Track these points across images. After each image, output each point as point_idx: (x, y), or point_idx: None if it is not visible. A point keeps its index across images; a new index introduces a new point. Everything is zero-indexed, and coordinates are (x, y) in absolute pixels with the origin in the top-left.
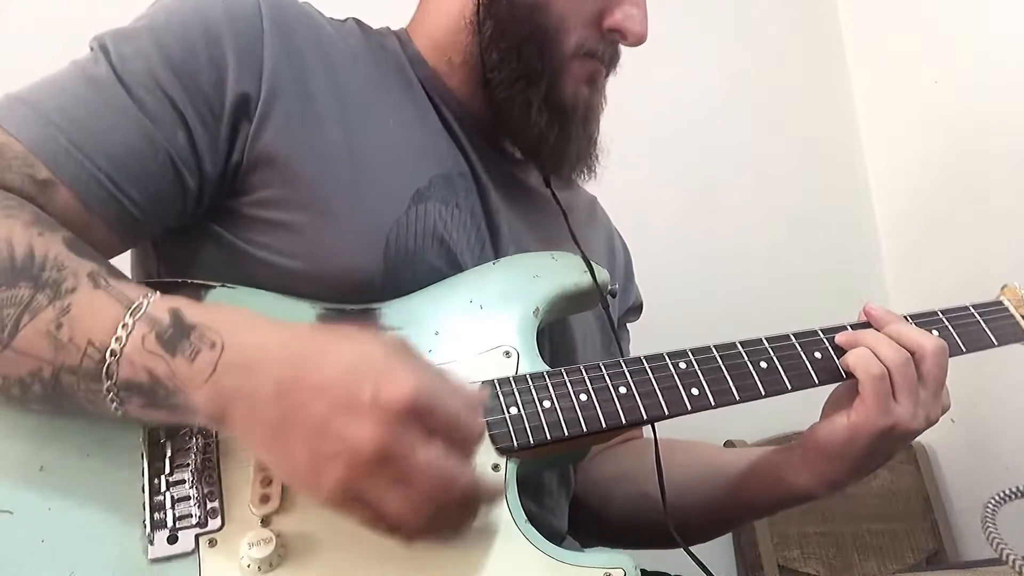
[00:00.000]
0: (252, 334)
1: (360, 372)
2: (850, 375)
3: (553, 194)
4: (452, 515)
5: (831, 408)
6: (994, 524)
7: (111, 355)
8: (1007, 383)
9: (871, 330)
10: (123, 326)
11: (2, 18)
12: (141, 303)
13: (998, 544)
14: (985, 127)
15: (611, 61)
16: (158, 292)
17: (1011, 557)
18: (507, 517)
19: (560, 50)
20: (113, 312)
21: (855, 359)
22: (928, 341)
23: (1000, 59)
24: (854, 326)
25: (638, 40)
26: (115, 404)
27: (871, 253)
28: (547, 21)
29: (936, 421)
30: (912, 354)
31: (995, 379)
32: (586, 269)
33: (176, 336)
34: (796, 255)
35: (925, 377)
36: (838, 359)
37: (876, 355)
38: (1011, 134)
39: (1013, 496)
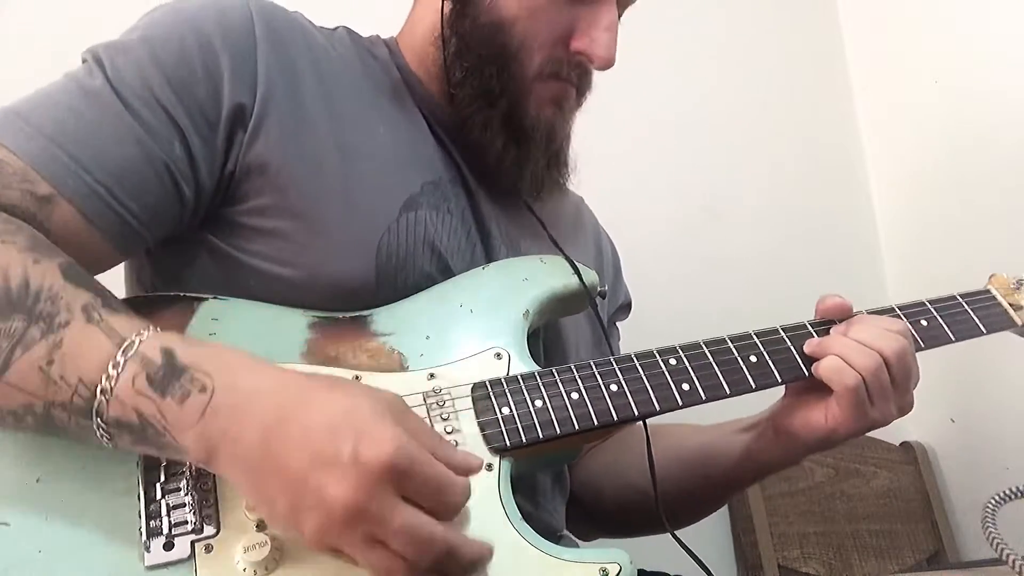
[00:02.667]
0: (243, 378)
1: (343, 427)
2: None
3: (526, 204)
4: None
5: (798, 392)
6: (994, 524)
7: (101, 394)
8: (1007, 383)
9: (838, 336)
10: (114, 365)
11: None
12: (133, 341)
13: (998, 544)
14: (985, 127)
15: (581, 82)
16: (151, 328)
17: (1011, 557)
18: (502, 516)
19: (522, 72)
20: (105, 350)
21: (828, 371)
22: (891, 344)
23: (1000, 59)
24: (814, 324)
25: (604, 65)
26: (105, 439)
27: (871, 253)
28: (510, 41)
29: (909, 410)
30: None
31: (995, 379)
32: (574, 272)
33: (167, 378)
34: (796, 255)
35: (895, 377)
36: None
37: (848, 363)
38: (1011, 134)
39: (1013, 496)
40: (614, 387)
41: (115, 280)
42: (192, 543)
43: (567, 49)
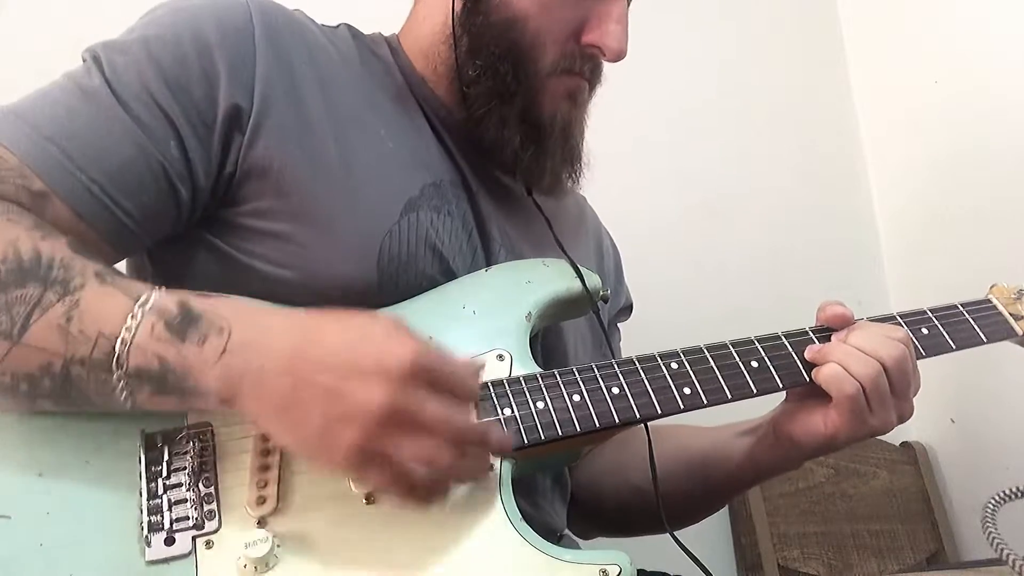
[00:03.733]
0: (258, 317)
1: (362, 342)
2: None
3: (535, 203)
4: (466, 464)
5: (798, 397)
6: (994, 524)
7: (121, 344)
8: (1007, 383)
9: (838, 343)
10: (132, 316)
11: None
12: (149, 295)
13: (998, 544)
14: (985, 127)
15: (593, 76)
16: (163, 288)
17: (1011, 557)
18: (502, 516)
19: (536, 67)
20: (122, 304)
21: (828, 378)
22: (891, 352)
23: (1000, 59)
24: (815, 330)
25: (616, 57)
26: (124, 394)
27: (871, 253)
28: (523, 38)
29: (909, 416)
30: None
31: (995, 379)
32: (577, 275)
33: (185, 323)
34: (796, 255)
35: (894, 385)
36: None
37: (848, 371)
38: (1011, 134)
39: (1013, 496)
40: (616, 389)
41: None
42: (193, 538)
43: (579, 43)
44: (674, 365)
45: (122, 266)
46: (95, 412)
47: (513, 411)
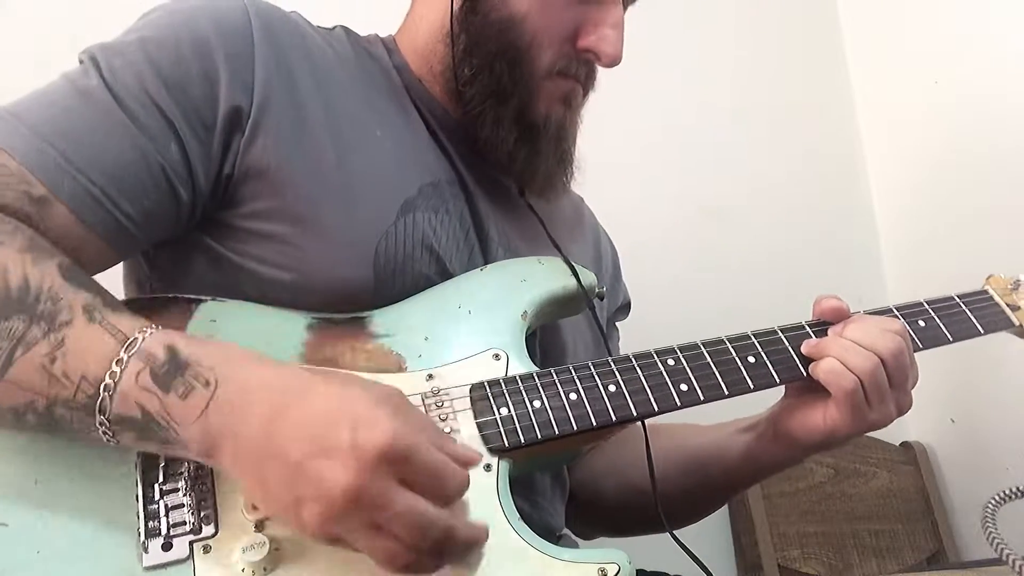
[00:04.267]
0: (245, 372)
1: (341, 415)
2: None
3: (528, 204)
4: (430, 561)
5: (797, 393)
6: (994, 524)
7: (105, 390)
8: (1007, 383)
9: (835, 337)
10: (117, 361)
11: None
12: (136, 338)
13: (998, 544)
14: (985, 127)
15: (587, 80)
16: (153, 327)
17: (1011, 557)
18: (500, 516)
19: (532, 68)
20: (108, 347)
21: (826, 373)
22: (888, 345)
23: (1000, 59)
24: (811, 324)
25: (612, 62)
26: (107, 437)
27: (871, 252)
28: (520, 39)
29: (908, 409)
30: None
31: (995, 379)
32: (572, 273)
33: (170, 373)
34: (796, 255)
35: (892, 378)
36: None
37: (846, 366)
38: (1011, 134)
39: (1013, 496)
40: (612, 388)
41: (113, 281)
42: (190, 543)
43: (574, 47)
44: (671, 362)
45: (120, 268)
46: None
47: (510, 410)
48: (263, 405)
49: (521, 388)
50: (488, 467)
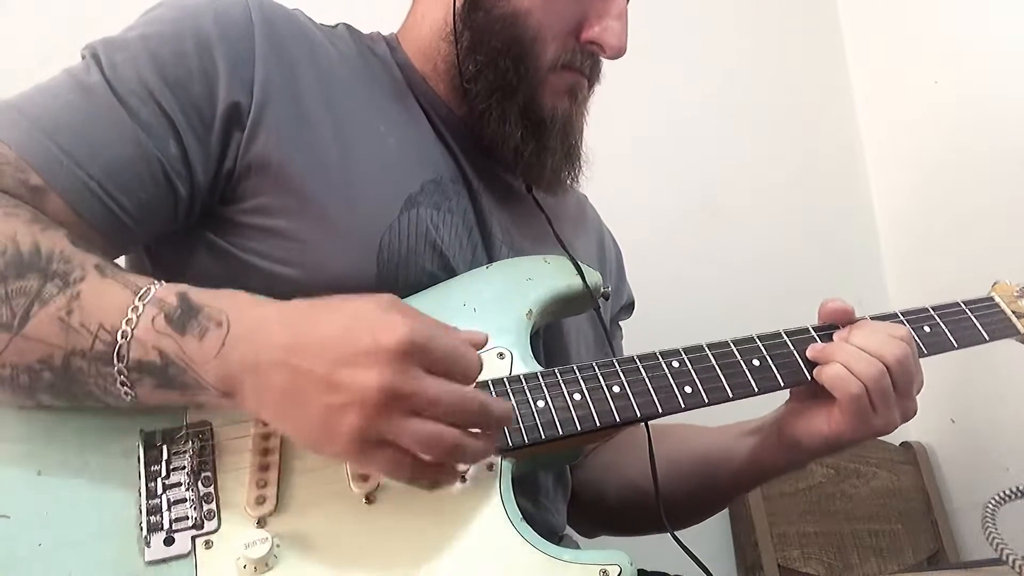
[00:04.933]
0: (254, 310)
1: (356, 326)
2: None
3: (535, 200)
4: (471, 444)
5: (802, 398)
6: (994, 524)
7: (122, 337)
8: (1007, 383)
9: (841, 342)
10: (133, 309)
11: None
12: (149, 288)
13: (998, 544)
14: (985, 127)
15: (592, 73)
16: (162, 280)
17: (1011, 557)
18: (503, 516)
19: (537, 63)
20: (123, 297)
21: (831, 379)
22: (893, 351)
23: (1000, 59)
24: (817, 328)
25: (616, 53)
26: (125, 388)
27: (871, 253)
28: (523, 33)
29: (913, 415)
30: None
31: (995, 379)
32: (578, 272)
33: (185, 316)
34: (796, 255)
35: (897, 385)
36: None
37: (851, 372)
38: (1011, 134)
39: (1013, 496)
40: (616, 388)
41: None
42: (193, 538)
43: (578, 39)
44: (675, 364)
45: (121, 264)
46: (94, 410)
47: (514, 410)
48: (278, 334)
49: (525, 387)
50: (491, 466)
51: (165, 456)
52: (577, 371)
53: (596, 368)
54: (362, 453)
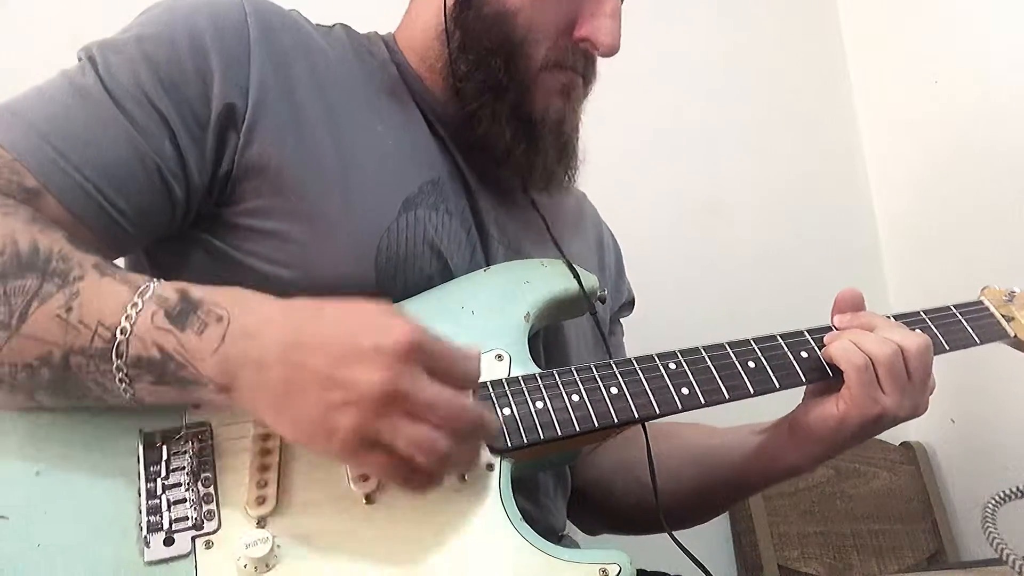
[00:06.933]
0: (254, 306)
1: (357, 323)
2: (836, 373)
3: (532, 202)
4: (464, 448)
5: (815, 394)
6: (994, 524)
7: (121, 333)
8: (1007, 383)
9: (856, 328)
10: (132, 305)
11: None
12: (148, 285)
13: (998, 544)
14: (985, 127)
15: (587, 71)
16: (160, 279)
17: (1011, 557)
18: (502, 516)
19: (528, 62)
20: (122, 294)
21: (837, 350)
22: (912, 338)
23: (1000, 59)
24: (812, 331)
25: (609, 51)
26: (124, 385)
27: (871, 253)
28: (514, 32)
29: (923, 411)
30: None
31: (995, 380)
32: (574, 277)
33: (184, 312)
34: (796, 255)
35: (912, 372)
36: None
37: (858, 346)
38: (1011, 133)
39: (1013, 496)
40: (614, 390)
41: None
42: (192, 539)
43: (571, 37)
44: (672, 365)
45: (121, 265)
46: (94, 410)
47: (512, 411)
48: (279, 330)
49: (524, 388)
50: (490, 467)
51: (165, 456)
52: (575, 373)
53: (594, 370)
54: (356, 453)
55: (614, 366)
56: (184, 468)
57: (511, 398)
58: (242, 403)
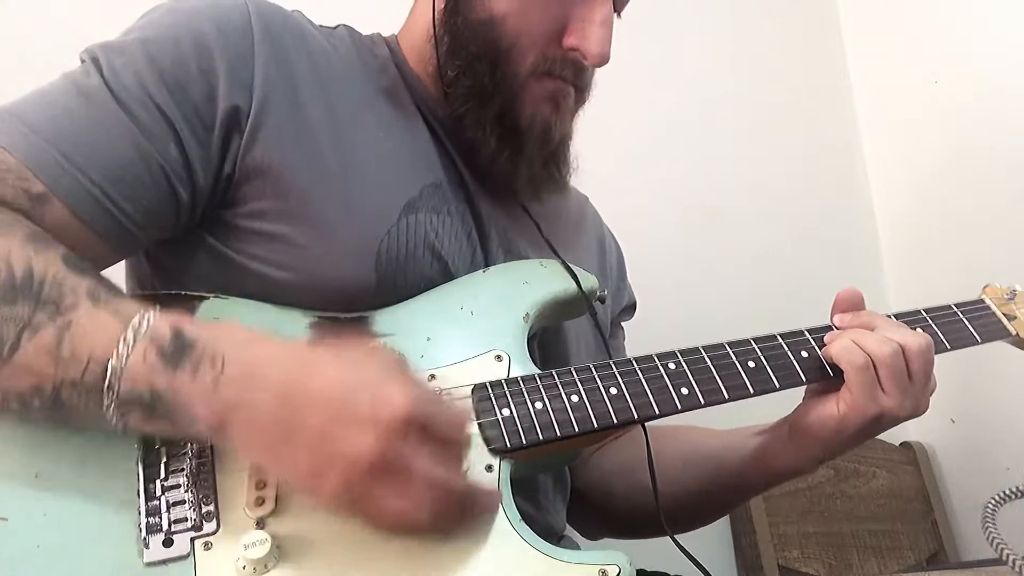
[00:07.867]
0: (252, 348)
1: (357, 382)
2: (837, 373)
3: (524, 208)
4: (449, 518)
5: (815, 393)
6: (994, 524)
7: (112, 370)
8: (1007, 383)
9: (856, 328)
10: (124, 342)
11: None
12: (142, 319)
13: (998, 544)
14: (985, 127)
15: (578, 79)
16: (157, 308)
17: (1011, 557)
18: (502, 517)
19: (515, 69)
20: (114, 328)
21: (838, 349)
22: (914, 337)
23: (1000, 59)
24: (812, 331)
25: (598, 61)
26: (115, 418)
27: (871, 253)
28: (500, 39)
29: (924, 411)
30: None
31: (995, 379)
32: (572, 277)
33: (178, 351)
34: (796, 255)
35: (913, 372)
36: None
37: (859, 346)
38: (1011, 133)
39: (1013, 496)
40: (614, 390)
41: (115, 279)
42: (192, 540)
43: (560, 46)
44: (672, 366)
45: (121, 266)
46: None
47: (511, 412)
48: (275, 377)
49: (523, 389)
50: (490, 467)
51: (164, 458)
52: (574, 373)
53: (593, 370)
54: (345, 509)
55: (613, 366)
56: (183, 470)
57: (510, 399)
58: (232, 443)
